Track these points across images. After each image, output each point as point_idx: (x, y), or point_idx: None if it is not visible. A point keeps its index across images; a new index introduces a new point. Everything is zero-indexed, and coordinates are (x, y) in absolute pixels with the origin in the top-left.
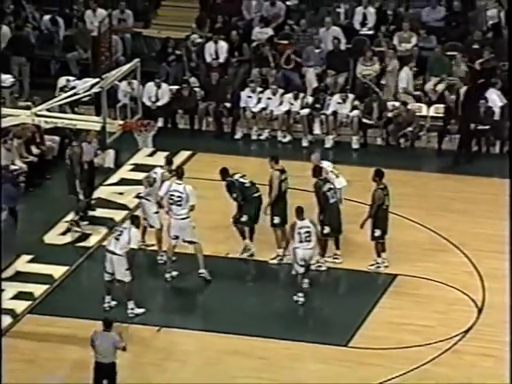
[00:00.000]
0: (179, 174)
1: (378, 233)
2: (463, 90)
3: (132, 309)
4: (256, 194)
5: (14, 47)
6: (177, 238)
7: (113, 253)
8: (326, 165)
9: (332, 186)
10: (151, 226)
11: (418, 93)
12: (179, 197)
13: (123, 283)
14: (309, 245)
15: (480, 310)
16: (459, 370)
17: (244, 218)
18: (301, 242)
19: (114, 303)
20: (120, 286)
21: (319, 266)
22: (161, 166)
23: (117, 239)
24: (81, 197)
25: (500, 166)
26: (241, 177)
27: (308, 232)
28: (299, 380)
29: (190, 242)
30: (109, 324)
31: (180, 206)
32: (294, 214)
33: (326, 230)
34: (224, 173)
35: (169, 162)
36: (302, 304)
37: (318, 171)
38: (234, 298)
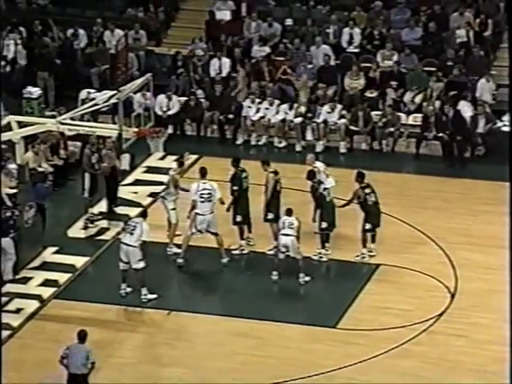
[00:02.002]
0: (203, 173)
1: (368, 226)
2: (438, 102)
3: (145, 295)
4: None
5: (39, 63)
6: (200, 231)
7: (128, 245)
8: (319, 165)
9: (327, 186)
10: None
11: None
12: (209, 193)
13: (137, 271)
14: (290, 232)
15: (453, 296)
16: (434, 348)
17: (239, 219)
18: (284, 228)
19: (129, 290)
20: (134, 273)
21: (320, 257)
22: (178, 160)
23: (131, 233)
24: (85, 195)
25: (471, 168)
26: (245, 177)
27: (291, 223)
28: (292, 357)
29: (215, 234)
30: (83, 336)
31: (210, 201)
32: (284, 212)
33: (324, 224)
34: (236, 162)
35: (180, 164)
36: (275, 282)
37: (311, 175)
38: (236, 285)
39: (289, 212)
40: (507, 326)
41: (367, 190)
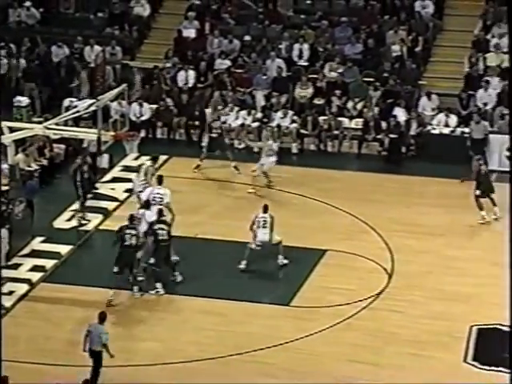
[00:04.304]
0: (159, 181)
1: (477, 192)
2: (377, 108)
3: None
4: None
5: (26, 76)
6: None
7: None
8: None
9: None
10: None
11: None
12: (160, 198)
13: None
14: (264, 230)
15: (390, 277)
16: (374, 322)
17: None
18: (258, 227)
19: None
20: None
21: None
22: (152, 159)
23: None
24: (79, 192)
25: (406, 166)
26: None
27: (265, 221)
28: (251, 331)
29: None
30: (103, 318)
31: (161, 205)
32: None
33: None
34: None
35: (153, 159)
36: (243, 270)
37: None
38: (202, 270)
39: (265, 209)
40: (437, 302)
41: (481, 162)
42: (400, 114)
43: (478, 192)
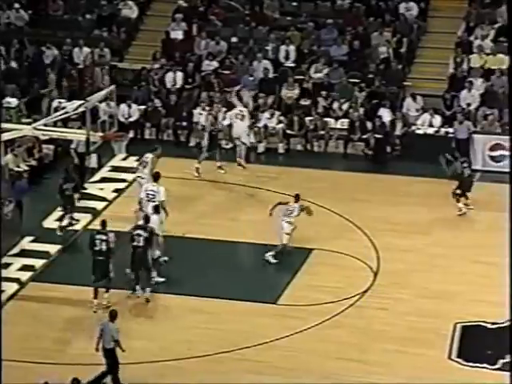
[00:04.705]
0: (155, 177)
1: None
2: (362, 109)
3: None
4: None
5: (8, 78)
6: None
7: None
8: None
9: None
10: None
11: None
12: (153, 195)
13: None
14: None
15: (375, 275)
16: (361, 320)
17: None
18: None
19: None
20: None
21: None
22: (151, 151)
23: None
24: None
25: (391, 165)
26: None
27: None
28: (239, 329)
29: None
30: (114, 315)
31: (154, 202)
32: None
33: None
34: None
35: (154, 149)
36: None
37: None
38: (190, 269)
39: (297, 198)
40: (422, 300)
41: (465, 164)
42: (385, 114)
43: (458, 191)
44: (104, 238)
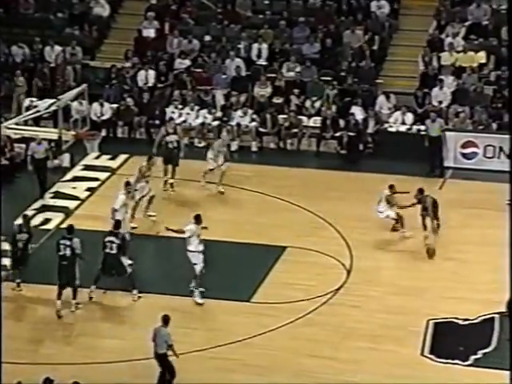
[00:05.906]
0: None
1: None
2: (334, 106)
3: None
4: None
5: None
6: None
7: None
8: None
9: None
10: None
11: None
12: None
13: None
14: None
15: (348, 272)
16: (333, 317)
17: None
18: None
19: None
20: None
21: None
22: (147, 160)
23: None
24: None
25: (363, 163)
26: None
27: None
28: (213, 327)
29: None
30: (166, 320)
31: None
32: None
33: None
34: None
35: (149, 158)
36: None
37: None
38: (166, 269)
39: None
40: (394, 297)
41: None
42: (357, 112)
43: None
44: (68, 243)
